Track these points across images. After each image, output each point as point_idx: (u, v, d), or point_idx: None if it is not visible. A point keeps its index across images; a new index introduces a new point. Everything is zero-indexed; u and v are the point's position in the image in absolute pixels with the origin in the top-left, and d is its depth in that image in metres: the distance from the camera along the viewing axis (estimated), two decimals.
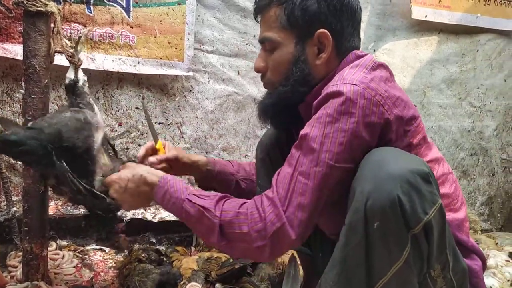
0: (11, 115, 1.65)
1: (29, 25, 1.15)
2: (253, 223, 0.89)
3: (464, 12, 2.31)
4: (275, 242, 0.88)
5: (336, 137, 0.87)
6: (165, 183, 1.00)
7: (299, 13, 1.00)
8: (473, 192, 2.56)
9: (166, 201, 0.99)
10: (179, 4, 1.76)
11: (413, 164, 0.82)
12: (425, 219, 0.79)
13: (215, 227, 0.92)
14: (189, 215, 0.95)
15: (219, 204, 0.94)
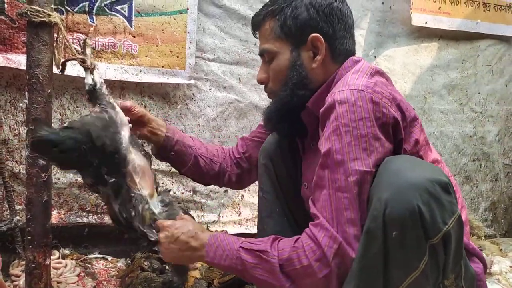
0: (14, 125, 1.66)
1: (32, 35, 1.16)
2: (311, 253, 0.88)
3: (464, 18, 2.32)
4: (339, 265, 0.87)
5: (359, 144, 0.88)
6: (215, 239, 1.00)
7: (291, 22, 1.06)
8: (476, 197, 2.55)
9: (218, 256, 0.98)
10: (180, 13, 1.78)
11: (432, 174, 0.82)
12: (445, 229, 0.79)
13: (276, 268, 0.91)
14: (247, 263, 0.94)
15: (274, 244, 0.94)
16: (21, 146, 1.66)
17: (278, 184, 1.33)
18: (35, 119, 1.17)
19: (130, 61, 1.73)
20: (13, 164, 1.67)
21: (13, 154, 1.67)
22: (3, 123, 1.65)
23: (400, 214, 0.78)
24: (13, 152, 1.67)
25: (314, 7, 1.05)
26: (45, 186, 1.22)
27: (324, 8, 1.05)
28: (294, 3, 1.06)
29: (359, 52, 2.18)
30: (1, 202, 1.67)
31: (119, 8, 1.69)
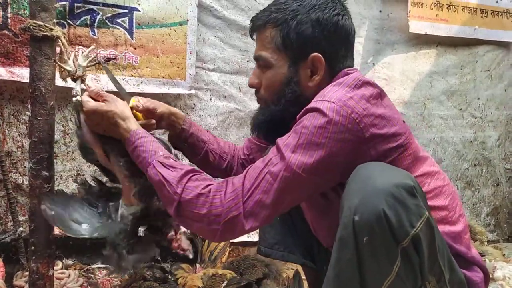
0: (17, 137, 1.68)
1: (35, 49, 1.18)
2: (213, 206, 0.92)
3: (461, 24, 2.34)
4: (228, 228, 0.92)
5: (308, 149, 0.90)
6: (136, 138, 1.02)
7: (294, 37, 1.02)
8: (478, 203, 2.55)
9: (135, 156, 1.02)
10: (180, 24, 1.80)
11: (398, 178, 0.82)
12: (413, 232, 0.80)
13: (174, 202, 0.94)
14: (152, 180, 0.98)
15: (182, 180, 0.95)
16: (24, 158, 1.68)
17: None
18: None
19: (131, 73, 1.76)
20: (17, 175, 1.69)
21: (17, 165, 1.69)
22: (6, 135, 1.67)
23: (368, 220, 0.79)
24: (17, 163, 1.69)
25: (320, 24, 1.02)
26: None
27: (329, 26, 1.02)
28: (300, 17, 1.02)
29: (358, 60, 2.20)
30: (5, 213, 1.68)
31: (120, 21, 1.71)
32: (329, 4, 1.04)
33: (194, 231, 1.00)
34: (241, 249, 2.02)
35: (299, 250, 1.36)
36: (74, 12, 1.64)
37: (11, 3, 1.55)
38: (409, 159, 0.98)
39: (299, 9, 1.03)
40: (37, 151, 1.19)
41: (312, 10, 1.02)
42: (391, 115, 0.98)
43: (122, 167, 1.09)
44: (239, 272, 1.71)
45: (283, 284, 1.69)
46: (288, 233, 1.37)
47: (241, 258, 1.80)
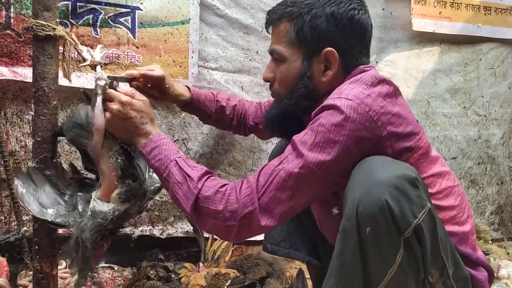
0: (21, 136, 1.69)
1: (38, 48, 1.19)
2: (229, 203, 0.93)
3: (465, 22, 2.33)
4: (244, 224, 0.92)
5: (325, 147, 0.90)
6: (159, 139, 1.03)
7: (308, 30, 1.02)
8: (482, 201, 2.54)
9: (153, 155, 1.02)
10: (183, 23, 1.80)
11: (400, 170, 0.83)
12: (415, 223, 0.81)
13: (192, 197, 0.95)
14: (172, 176, 0.99)
15: (202, 179, 0.97)
16: (27, 157, 1.68)
17: None
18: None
19: None
20: None
21: (20, 165, 1.69)
22: (10, 135, 1.67)
23: (371, 211, 0.80)
24: (20, 163, 1.69)
25: (335, 18, 1.01)
26: None
27: (345, 21, 1.01)
28: (315, 10, 1.02)
29: None
30: (9, 213, 1.69)
31: (123, 20, 1.71)
32: None
33: (209, 229, 0.99)
34: (244, 248, 2.02)
35: (305, 247, 1.36)
36: (76, 12, 1.64)
37: (13, 2, 1.55)
38: (422, 159, 0.98)
39: (314, 3, 1.03)
40: (41, 151, 1.20)
41: (327, 4, 1.02)
42: (406, 114, 0.98)
43: (118, 165, 1.08)
44: (242, 271, 1.71)
45: (287, 283, 1.69)
46: (294, 230, 1.37)
47: (244, 257, 1.80)
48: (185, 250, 1.96)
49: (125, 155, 1.10)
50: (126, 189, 1.09)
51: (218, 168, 2.00)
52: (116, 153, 1.09)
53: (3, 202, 1.68)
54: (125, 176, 1.10)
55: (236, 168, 2.03)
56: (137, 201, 1.12)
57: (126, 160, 1.09)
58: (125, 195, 1.09)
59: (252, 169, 2.04)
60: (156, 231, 1.89)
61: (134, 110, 1.04)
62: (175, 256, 1.94)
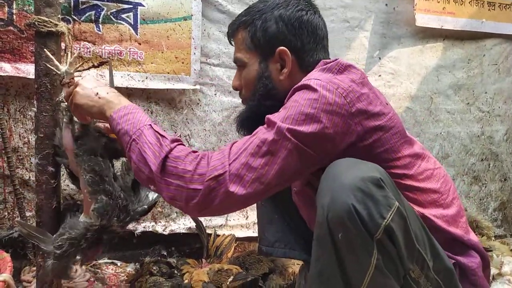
0: (23, 133, 1.69)
1: (40, 45, 1.18)
2: (199, 166, 0.92)
3: (468, 18, 2.31)
4: (211, 188, 0.90)
5: (297, 119, 0.92)
6: (134, 108, 1.04)
7: (260, 35, 1.09)
8: (485, 197, 2.53)
9: (124, 119, 1.00)
10: (185, 19, 1.80)
11: (363, 172, 0.84)
12: (384, 223, 0.81)
13: (162, 154, 0.94)
14: (143, 137, 0.97)
15: (175, 142, 0.98)
16: (30, 153, 1.69)
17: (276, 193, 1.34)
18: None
19: (136, 68, 1.75)
20: (23, 171, 1.70)
21: (23, 161, 1.70)
22: (13, 131, 1.68)
23: (340, 217, 0.81)
24: (23, 159, 1.70)
25: (283, 20, 1.07)
26: (54, 192, 1.23)
27: (293, 21, 1.07)
28: (265, 15, 1.08)
29: (364, 54, 2.18)
30: (12, 209, 1.70)
31: (125, 16, 1.71)
32: (292, 1, 1.10)
33: (171, 192, 0.93)
34: (246, 245, 2.03)
35: (300, 246, 1.37)
36: (79, 8, 1.64)
37: None
38: (395, 138, 0.99)
39: (264, 9, 1.10)
40: (43, 147, 1.20)
41: (276, 8, 1.09)
42: (375, 96, 1.01)
43: (87, 182, 1.11)
44: (245, 267, 1.71)
45: (289, 279, 1.69)
46: (288, 230, 1.37)
47: (247, 253, 1.81)
48: (187, 246, 1.96)
49: (94, 172, 1.11)
50: (98, 205, 1.11)
51: None
52: (85, 170, 1.11)
53: (6, 198, 1.69)
54: (96, 191, 1.11)
55: None
56: (115, 216, 1.12)
57: (96, 176, 1.11)
58: (98, 211, 1.10)
59: None
60: (159, 227, 1.89)
61: (92, 99, 1.06)
62: (178, 252, 1.95)
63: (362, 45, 2.18)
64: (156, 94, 1.85)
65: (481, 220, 2.29)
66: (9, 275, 1.29)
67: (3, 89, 1.63)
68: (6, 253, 1.35)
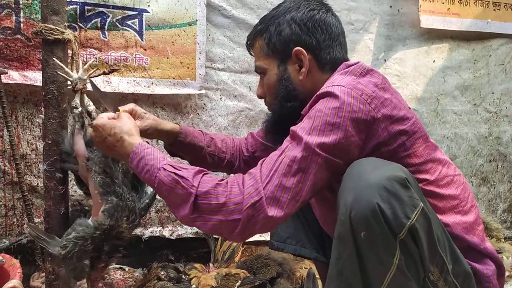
0: (31, 139, 1.71)
1: (47, 52, 1.20)
2: (232, 195, 0.90)
3: (474, 18, 2.30)
4: (251, 216, 0.88)
5: (324, 129, 0.91)
6: (142, 149, 1.00)
7: (275, 39, 1.11)
8: (494, 199, 2.51)
9: (140, 167, 0.98)
10: (190, 25, 1.81)
11: (389, 172, 0.83)
12: (409, 223, 0.80)
13: (190, 197, 0.91)
14: (162, 184, 0.94)
15: (197, 176, 0.94)
16: (38, 160, 1.70)
17: None
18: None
19: (142, 74, 1.77)
20: (31, 178, 1.71)
21: (31, 168, 1.71)
22: (21, 138, 1.69)
23: (364, 215, 0.80)
24: (31, 166, 1.71)
25: (295, 22, 1.09)
26: (62, 198, 1.24)
27: (306, 21, 1.09)
28: (278, 20, 1.11)
29: (369, 56, 2.18)
30: (21, 215, 1.71)
31: (130, 23, 1.72)
32: (302, 3, 1.12)
33: (212, 227, 0.92)
34: (254, 249, 2.02)
35: (311, 244, 1.37)
36: (84, 15, 1.65)
37: (23, 7, 1.57)
38: (418, 143, 0.99)
39: (277, 15, 1.12)
40: (51, 153, 1.21)
41: (287, 12, 1.11)
42: (398, 100, 1.00)
43: (98, 183, 1.13)
44: (252, 272, 1.71)
45: (297, 283, 1.69)
46: (300, 227, 1.38)
47: (254, 258, 1.80)
48: (195, 250, 1.96)
49: (105, 174, 1.13)
50: (108, 206, 1.13)
51: None
52: (95, 172, 1.13)
53: (15, 204, 1.70)
54: (107, 193, 1.13)
55: None
56: (124, 216, 1.15)
57: (106, 178, 1.13)
58: (108, 212, 1.13)
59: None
60: (166, 232, 1.90)
61: (106, 130, 1.05)
62: (185, 257, 1.95)
63: (367, 47, 2.17)
64: (162, 100, 1.86)
65: (490, 222, 2.27)
66: (18, 281, 1.30)
67: (11, 97, 1.65)
68: (15, 259, 1.36)
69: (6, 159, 1.67)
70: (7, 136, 1.55)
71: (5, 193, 1.69)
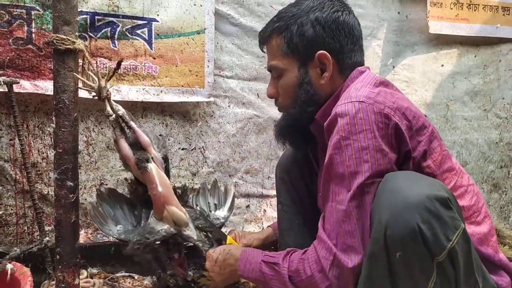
0: (42, 148, 1.72)
1: (58, 62, 1.21)
2: (314, 264, 0.92)
3: (483, 23, 2.29)
4: (337, 276, 0.89)
5: (360, 156, 0.88)
6: (245, 254, 1.09)
7: (297, 40, 1.05)
8: (505, 205, 2.47)
9: (248, 270, 1.06)
10: (198, 33, 1.82)
11: (430, 190, 0.79)
12: (449, 246, 0.77)
13: (285, 279, 0.96)
14: (266, 275, 1.01)
15: (286, 258, 0.99)
16: (49, 168, 1.72)
17: (296, 197, 1.34)
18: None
19: (151, 82, 1.78)
20: (42, 186, 1.72)
21: (42, 176, 1.72)
22: (32, 147, 1.71)
23: (401, 235, 0.77)
24: (42, 174, 1.72)
25: (320, 23, 1.04)
26: (73, 207, 1.25)
27: (330, 23, 1.04)
28: (300, 20, 1.05)
29: (377, 62, 2.17)
30: (32, 223, 1.72)
31: (140, 32, 1.74)
32: (326, 3, 1.06)
33: None
34: None
35: None
36: (95, 25, 1.67)
37: (34, 18, 1.59)
38: (437, 152, 0.97)
39: (299, 13, 1.06)
40: (62, 162, 1.22)
41: (311, 11, 1.05)
42: (415, 109, 0.99)
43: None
44: None
45: None
46: (308, 236, 1.36)
47: None
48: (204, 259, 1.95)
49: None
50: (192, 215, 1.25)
51: (235, 176, 2.00)
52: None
53: (26, 213, 1.72)
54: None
55: (253, 176, 2.02)
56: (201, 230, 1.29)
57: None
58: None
59: (269, 177, 2.04)
60: None
61: (218, 264, 1.17)
62: (195, 265, 1.94)
63: (376, 53, 2.17)
64: (170, 107, 1.87)
65: (502, 229, 2.23)
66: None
67: (23, 106, 1.67)
68: (26, 268, 1.36)
69: (17, 168, 1.68)
70: (19, 145, 1.57)
71: (16, 201, 1.71)
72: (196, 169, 1.94)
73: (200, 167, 1.94)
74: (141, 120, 1.83)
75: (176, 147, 1.90)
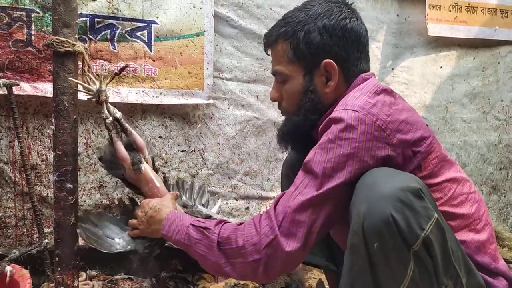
0: (42, 150, 1.72)
1: (58, 64, 1.21)
2: (249, 236, 0.93)
3: (481, 26, 2.29)
4: (269, 255, 0.90)
5: (338, 162, 0.89)
6: (173, 215, 1.08)
7: (304, 47, 1.04)
8: (504, 207, 2.47)
9: (172, 230, 1.05)
10: (197, 35, 1.82)
11: (403, 182, 0.82)
12: (423, 235, 0.79)
13: (214, 244, 0.96)
14: (192, 238, 1.00)
15: (218, 225, 1.00)
16: (48, 171, 1.72)
17: None
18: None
19: (151, 84, 1.78)
20: (41, 188, 1.72)
21: (41, 178, 1.72)
22: (31, 149, 1.71)
23: (377, 226, 0.79)
24: (41, 176, 1.72)
25: (327, 31, 1.02)
26: (72, 209, 1.25)
27: (337, 31, 1.03)
28: (307, 26, 1.04)
29: (376, 65, 2.18)
30: (31, 225, 1.72)
31: (139, 34, 1.74)
32: (334, 10, 1.05)
33: (239, 272, 0.96)
34: None
35: (321, 252, 1.36)
36: (94, 27, 1.68)
37: (34, 20, 1.60)
38: (434, 163, 0.96)
39: (306, 19, 1.05)
40: (61, 164, 1.22)
41: (319, 18, 1.04)
42: (414, 119, 0.97)
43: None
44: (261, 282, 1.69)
45: None
46: None
47: None
48: None
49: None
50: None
51: (234, 178, 2.00)
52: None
53: (25, 215, 1.72)
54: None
55: (253, 178, 2.02)
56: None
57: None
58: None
59: (268, 179, 2.04)
60: None
61: (149, 204, 1.16)
62: (194, 267, 1.94)
63: (375, 56, 2.18)
64: (170, 110, 1.87)
65: (501, 231, 2.24)
66: None
67: (22, 108, 1.67)
68: (25, 270, 1.36)
69: (17, 170, 1.68)
70: (18, 147, 1.57)
71: (16, 203, 1.71)
72: (195, 171, 1.94)
73: (199, 169, 1.94)
74: (141, 122, 1.84)
75: (176, 149, 1.90)
